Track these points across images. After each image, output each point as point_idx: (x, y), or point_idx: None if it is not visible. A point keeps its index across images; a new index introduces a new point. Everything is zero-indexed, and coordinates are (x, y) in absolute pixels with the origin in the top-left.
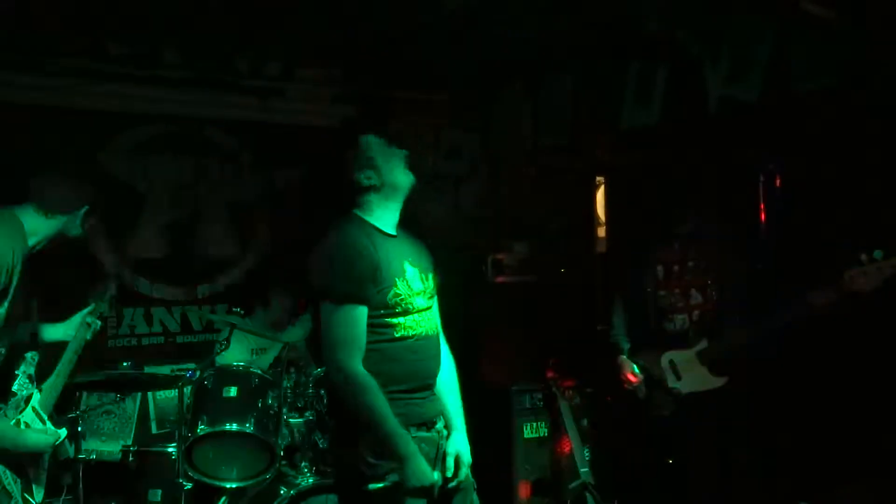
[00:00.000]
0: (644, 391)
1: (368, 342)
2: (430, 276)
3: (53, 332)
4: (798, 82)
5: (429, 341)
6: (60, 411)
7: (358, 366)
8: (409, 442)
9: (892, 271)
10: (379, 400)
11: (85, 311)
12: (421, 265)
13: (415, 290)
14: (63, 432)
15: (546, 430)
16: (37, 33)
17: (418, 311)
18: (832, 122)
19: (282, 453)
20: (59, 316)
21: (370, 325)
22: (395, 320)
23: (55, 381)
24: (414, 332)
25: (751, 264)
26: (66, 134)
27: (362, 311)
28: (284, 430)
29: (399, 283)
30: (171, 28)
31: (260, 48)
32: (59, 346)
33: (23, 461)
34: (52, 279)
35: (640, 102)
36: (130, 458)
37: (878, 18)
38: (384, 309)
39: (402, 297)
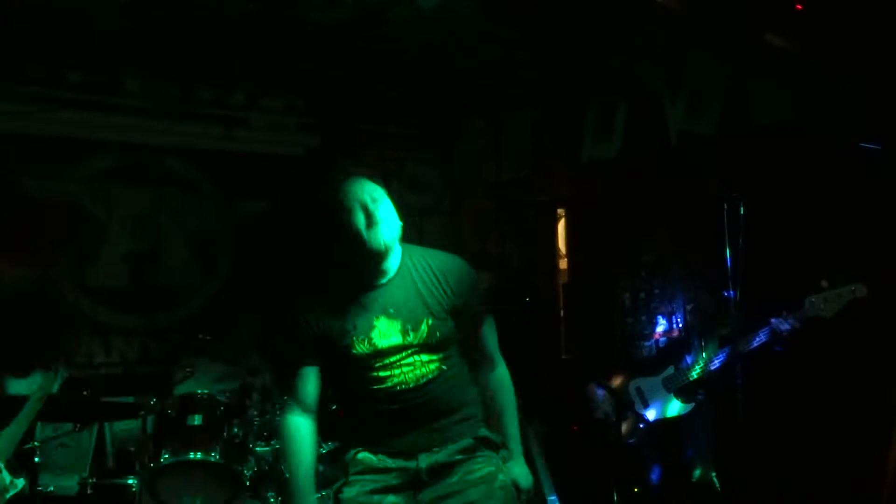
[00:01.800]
0: (612, 417)
1: (346, 390)
2: (425, 322)
3: (17, 386)
4: (755, 116)
5: (411, 387)
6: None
7: (286, 419)
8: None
9: (852, 297)
10: (290, 456)
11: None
12: (407, 314)
13: (381, 346)
14: (21, 483)
15: None
16: None
17: (393, 364)
18: (789, 154)
19: (248, 483)
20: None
21: (346, 376)
22: (366, 373)
23: (14, 430)
24: (391, 382)
25: (715, 292)
26: (25, 160)
27: (301, 371)
28: (251, 460)
29: (357, 342)
30: (131, 56)
31: (223, 77)
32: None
33: None
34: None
35: (601, 136)
36: (89, 492)
37: (834, 53)
38: (352, 362)
39: (358, 354)
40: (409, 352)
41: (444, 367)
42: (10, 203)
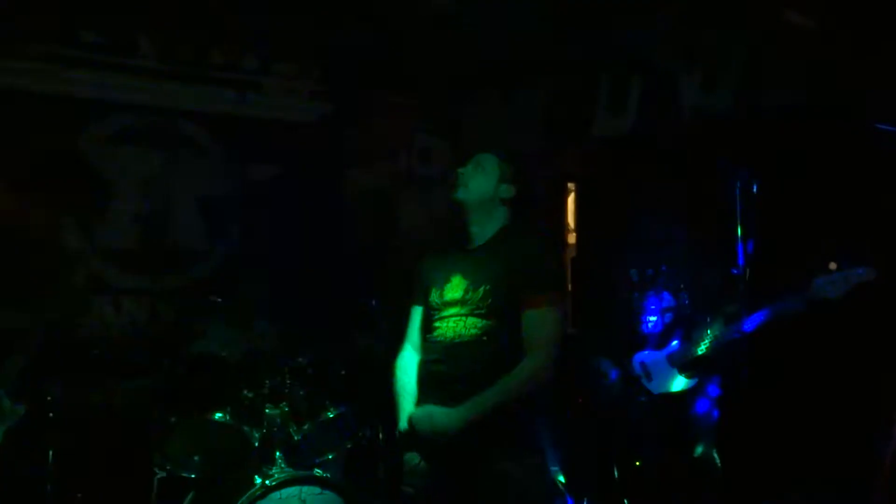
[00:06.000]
0: (617, 391)
1: (421, 338)
2: (483, 289)
3: None
4: (769, 95)
5: (446, 342)
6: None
7: (401, 352)
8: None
9: (859, 280)
10: (398, 378)
11: None
12: (475, 278)
13: (447, 298)
14: (21, 409)
15: None
16: (7, 17)
17: (446, 318)
18: (803, 134)
19: (257, 444)
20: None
21: (423, 323)
22: (430, 322)
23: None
24: (438, 335)
25: (722, 270)
26: (37, 119)
27: (412, 310)
28: (260, 422)
29: (434, 291)
30: (145, 16)
31: (237, 41)
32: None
33: None
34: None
35: (614, 111)
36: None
37: (853, 32)
38: (428, 308)
39: (432, 303)
40: (463, 311)
41: (483, 338)
42: (21, 161)
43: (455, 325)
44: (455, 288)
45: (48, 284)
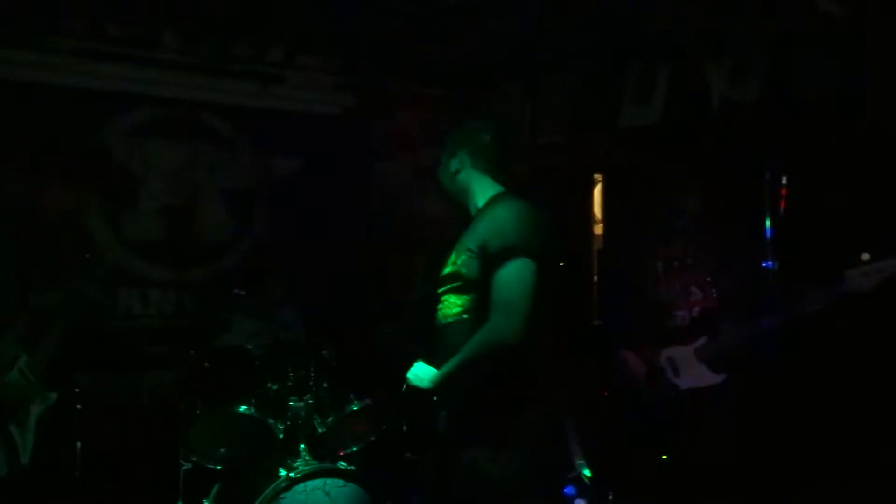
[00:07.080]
0: (645, 384)
1: None
2: (459, 256)
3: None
4: (799, 85)
5: (438, 325)
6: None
7: None
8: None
9: (892, 272)
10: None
11: None
12: (457, 250)
13: (441, 275)
14: (53, 395)
15: None
16: (35, 10)
17: (441, 297)
18: (833, 125)
19: (281, 436)
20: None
21: None
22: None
23: (44, 346)
24: (435, 317)
25: (751, 262)
26: (64, 113)
27: None
28: (284, 414)
29: (443, 266)
30: (170, 10)
31: (260, 33)
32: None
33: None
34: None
35: (640, 101)
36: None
37: (880, 23)
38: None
39: (439, 276)
40: (448, 287)
41: (464, 316)
42: (47, 153)
43: (443, 306)
44: (447, 263)
45: (75, 277)
